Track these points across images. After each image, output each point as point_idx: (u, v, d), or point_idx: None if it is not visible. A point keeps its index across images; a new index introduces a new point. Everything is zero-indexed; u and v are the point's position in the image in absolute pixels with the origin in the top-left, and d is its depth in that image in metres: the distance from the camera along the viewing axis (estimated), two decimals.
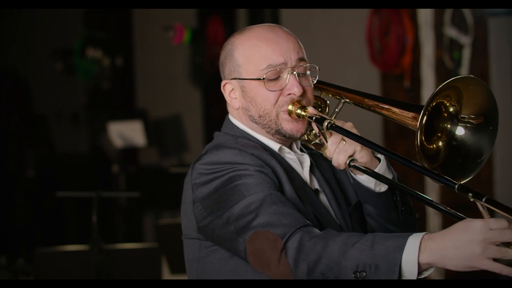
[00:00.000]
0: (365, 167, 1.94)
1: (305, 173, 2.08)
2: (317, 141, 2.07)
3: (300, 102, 2.02)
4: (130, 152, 7.32)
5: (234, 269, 1.94)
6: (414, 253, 1.72)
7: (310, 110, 2.00)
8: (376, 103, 2.04)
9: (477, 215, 1.79)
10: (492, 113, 1.92)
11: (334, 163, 1.96)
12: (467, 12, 4.61)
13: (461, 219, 1.76)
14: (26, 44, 8.63)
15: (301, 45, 2.08)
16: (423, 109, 1.84)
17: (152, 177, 7.03)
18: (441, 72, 4.73)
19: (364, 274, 1.74)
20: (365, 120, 4.98)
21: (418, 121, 1.84)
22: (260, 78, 2.00)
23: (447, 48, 4.69)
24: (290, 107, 2.01)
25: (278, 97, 2.02)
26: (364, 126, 3.51)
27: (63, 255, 3.76)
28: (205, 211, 1.96)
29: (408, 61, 4.87)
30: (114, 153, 6.86)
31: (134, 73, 7.83)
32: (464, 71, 4.62)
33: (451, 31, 4.66)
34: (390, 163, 2.07)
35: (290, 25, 5.73)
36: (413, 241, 1.73)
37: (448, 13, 4.66)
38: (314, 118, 1.98)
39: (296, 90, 2.00)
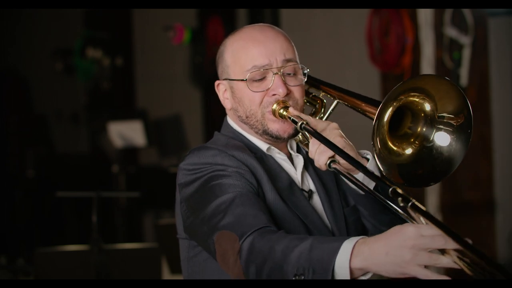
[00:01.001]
0: (345, 171, 1.88)
1: (297, 174, 2.09)
2: (307, 141, 2.08)
3: (284, 102, 2.02)
4: (130, 152, 7.32)
5: (218, 269, 1.94)
6: (346, 258, 1.69)
7: (291, 110, 2.00)
8: (371, 108, 2.00)
9: (479, 217, 1.78)
10: (467, 112, 1.88)
11: (316, 164, 1.94)
12: (467, 12, 4.61)
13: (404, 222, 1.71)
14: (26, 44, 8.63)
15: (292, 45, 2.08)
16: (383, 102, 1.83)
17: (152, 177, 7.02)
18: (441, 72, 4.73)
19: (303, 277, 1.72)
20: (360, 123, 4.99)
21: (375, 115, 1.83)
22: (244, 79, 2.03)
23: (447, 48, 4.69)
24: (274, 106, 2.03)
25: (263, 98, 2.03)
26: (358, 129, 3.51)
27: (63, 255, 3.75)
28: (189, 211, 1.99)
29: (408, 61, 4.87)
30: (114, 153, 6.86)
31: (134, 73, 7.83)
32: (464, 71, 4.62)
33: (451, 31, 4.66)
34: None
35: (290, 25, 5.74)
36: (347, 245, 1.70)
37: (448, 13, 4.66)
38: (291, 118, 1.99)
39: (281, 91, 2.01)
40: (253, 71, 2.02)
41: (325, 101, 2.17)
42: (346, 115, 2.15)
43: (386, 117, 1.84)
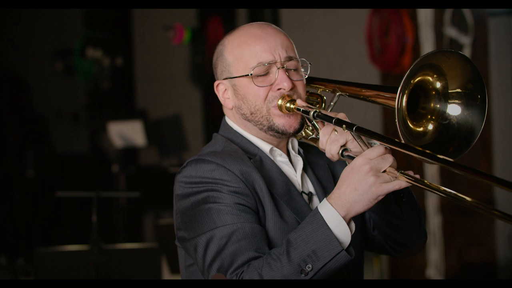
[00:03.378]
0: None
1: (297, 176, 2.09)
2: (313, 136, 2.07)
3: (290, 96, 2.03)
4: (130, 152, 7.32)
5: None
6: (334, 214, 1.82)
7: (299, 102, 2.01)
8: (375, 92, 2.00)
9: (479, 217, 1.79)
10: (478, 80, 1.86)
11: (327, 154, 1.96)
12: (467, 12, 4.61)
13: None
14: (26, 44, 8.63)
15: (291, 41, 2.09)
16: (400, 87, 1.81)
17: (152, 177, 7.02)
18: None
19: (310, 266, 1.80)
20: (364, 119, 4.99)
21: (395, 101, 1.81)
22: (249, 74, 2.02)
23: (447, 48, 4.69)
24: (280, 101, 2.03)
25: (268, 93, 2.03)
26: (363, 124, 3.51)
27: (63, 255, 3.75)
28: (182, 224, 2.01)
29: (408, 61, 4.87)
30: (114, 153, 6.86)
31: (134, 73, 7.83)
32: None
33: (451, 31, 4.66)
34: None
35: (290, 25, 5.74)
36: (324, 208, 1.83)
37: (448, 13, 4.66)
38: (301, 109, 1.99)
39: (285, 85, 2.02)
40: (259, 66, 2.01)
41: (325, 97, 2.17)
42: (348, 113, 2.14)
43: (404, 103, 1.82)
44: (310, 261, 1.80)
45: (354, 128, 1.84)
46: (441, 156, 1.72)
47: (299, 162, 2.10)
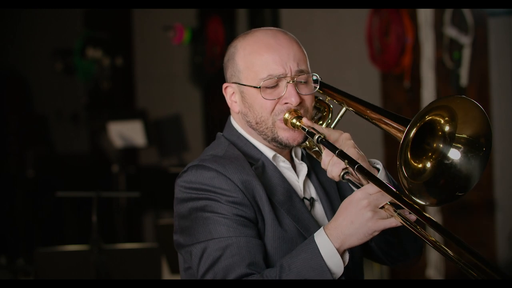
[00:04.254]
0: (358, 182, 1.92)
1: (300, 182, 2.08)
2: (316, 149, 2.07)
3: (297, 112, 2.02)
4: (130, 152, 7.32)
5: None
6: (329, 246, 1.85)
7: (304, 121, 2.00)
8: (379, 116, 2.00)
9: (479, 217, 1.78)
10: (487, 135, 1.87)
11: (329, 174, 1.97)
12: (467, 12, 4.61)
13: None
14: (26, 44, 8.63)
15: (304, 52, 2.07)
16: (410, 123, 1.81)
17: (152, 177, 7.02)
18: (441, 72, 4.74)
19: None
20: (366, 126, 4.98)
21: (403, 135, 1.81)
22: (257, 86, 2.01)
23: (447, 48, 4.69)
24: (286, 115, 2.02)
25: (275, 105, 2.02)
26: (364, 132, 3.51)
27: (63, 255, 3.76)
28: (179, 228, 2.02)
29: (408, 61, 4.87)
30: (114, 153, 6.86)
31: (134, 73, 7.83)
32: (464, 71, 4.62)
33: (451, 31, 4.66)
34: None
35: (290, 25, 5.74)
36: (320, 238, 1.85)
37: (448, 13, 4.66)
38: (307, 130, 1.99)
39: (293, 100, 2.01)
40: (268, 79, 2.00)
41: (332, 106, 2.16)
42: (352, 121, 2.14)
43: (411, 136, 1.83)
44: None
45: (356, 167, 1.86)
46: (435, 220, 1.75)
47: (303, 168, 2.10)
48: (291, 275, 1.84)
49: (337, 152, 1.91)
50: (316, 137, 1.96)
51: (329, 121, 2.15)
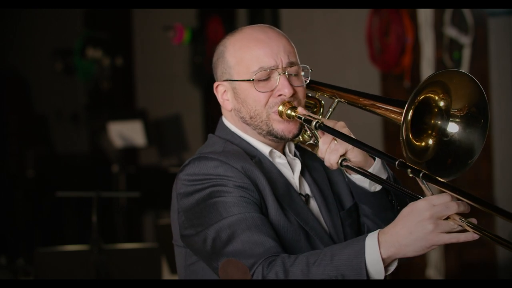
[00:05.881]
0: (357, 167, 1.93)
1: (295, 178, 2.08)
2: (311, 141, 2.07)
3: (290, 103, 2.02)
4: (130, 152, 7.32)
5: (216, 277, 1.95)
6: (376, 252, 1.76)
7: (300, 110, 2.00)
8: (372, 102, 2.01)
9: (479, 217, 1.78)
10: (482, 104, 1.85)
11: (326, 163, 1.96)
12: (467, 12, 4.61)
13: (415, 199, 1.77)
14: (26, 44, 8.63)
15: (293, 45, 2.07)
16: (407, 103, 1.80)
17: (152, 177, 7.02)
18: None
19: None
20: (365, 122, 4.98)
21: (402, 116, 1.80)
22: (250, 79, 2.01)
23: (447, 48, 4.69)
24: (280, 108, 2.02)
25: (269, 98, 2.02)
26: (363, 128, 3.51)
27: (63, 255, 3.76)
28: (187, 222, 1.98)
29: (408, 61, 4.87)
30: (114, 153, 6.86)
31: (134, 73, 7.83)
32: (464, 71, 4.62)
33: (451, 31, 4.66)
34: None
35: (290, 25, 5.74)
36: (371, 241, 1.78)
37: (448, 13, 4.66)
38: (303, 118, 1.98)
39: (286, 91, 2.01)
40: (260, 71, 2.00)
41: (323, 102, 2.17)
42: (347, 115, 2.14)
43: (409, 118, 1.81)
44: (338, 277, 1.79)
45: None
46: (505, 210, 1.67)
47: (297, 164, 2.10)
48: (328, 268, 1.78)
49: (337, 134, 1.90)
50: (314, 122, 1.95)
51: (320, 115, 2.14)
